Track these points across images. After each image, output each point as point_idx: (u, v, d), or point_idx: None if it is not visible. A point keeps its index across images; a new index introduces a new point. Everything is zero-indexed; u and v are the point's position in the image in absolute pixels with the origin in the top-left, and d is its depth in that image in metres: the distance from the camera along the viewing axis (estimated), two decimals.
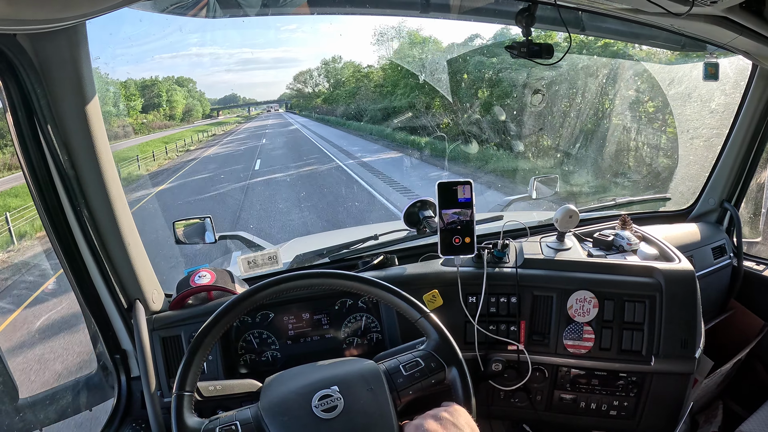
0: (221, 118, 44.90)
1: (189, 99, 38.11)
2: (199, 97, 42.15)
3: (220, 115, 47.36)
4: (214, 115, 45.02)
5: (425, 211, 1.49)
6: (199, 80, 43.98)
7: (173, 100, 34.17)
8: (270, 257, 1.39)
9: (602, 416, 1.31)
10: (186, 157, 20.05)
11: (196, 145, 24.29)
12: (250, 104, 54.62)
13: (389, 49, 20.53)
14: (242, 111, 52.92)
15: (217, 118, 44.31)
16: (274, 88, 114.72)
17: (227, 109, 51.86)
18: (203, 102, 42.82)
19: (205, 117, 42.01)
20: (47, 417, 1.14)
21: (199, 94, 42.42)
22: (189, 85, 39.51)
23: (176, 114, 34.18)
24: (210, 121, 40.99)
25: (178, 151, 21.58)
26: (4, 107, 0.92)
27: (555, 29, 1.51)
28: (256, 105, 54.63)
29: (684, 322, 1.22)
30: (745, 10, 1.10)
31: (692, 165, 2.24)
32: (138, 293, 1.16)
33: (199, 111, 39.82)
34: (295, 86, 45.24)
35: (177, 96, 35.15)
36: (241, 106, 54.02)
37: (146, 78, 32.94)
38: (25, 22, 0.68)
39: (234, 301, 0.94)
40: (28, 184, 0.99)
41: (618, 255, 1.38)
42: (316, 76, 40.68)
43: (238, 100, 54.90)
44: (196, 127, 33.88)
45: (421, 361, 0.94)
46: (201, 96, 42.73)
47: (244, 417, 0.84)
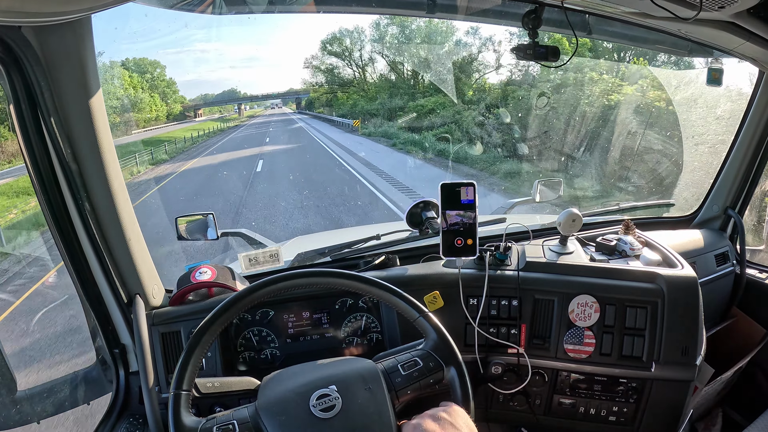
0: (199, 121, 34.42)
1: (141, 92, 26.99)
2: (166, 87, 30.68)
3: (200, 115, 37.06)
4: (190, 116, 34.89)
5: (428, 212, 1.49)
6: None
7: (111, 92, 18.66)
8: (271, 255, 1.39)
9: (601, 422, 1.30)
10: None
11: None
12: (240, 101, 43.48)
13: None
14: (231, 110, 41.84)
15: (194, 120, 34.37)
16: (282, 81, 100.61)
17: (218, 106, 41.93)
18: (171, 95, 31.54)
19: (173, 120, 31.01)
20: (45, 410, 1.14)
21: (167, 83, 30.55)
22: (154, 71, 29.01)
23: (143, 114, 24.01)
24: (175, 126, 29.52)
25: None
26: (8, 100, 0.92)
27: (561, 32, 1.50)
28: (250, 101, 45.10)
29: (685, 328, 1.21)
30: (753, 16, 1.10)
31: (696, 171, 2.23)
32: (138, 288, 1.16)
33: (159, 111, 28.29)
34: (324, 64, 28.62)
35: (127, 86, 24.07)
36: (221, 102, 42.86)
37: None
38: (30, 15, 0.68)
39: (234, 298, 0.94)
40: (31, 177, 0.99)
41: (620, 260, 1.38)
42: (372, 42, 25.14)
43: (238, 94, 45.26)
44: (155, 135, 24.26)
45: (420, 361, 0.93)
46: (168, 87, 30.89)
47: (242, 416, 0.84)
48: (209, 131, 28.25)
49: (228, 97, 44.25)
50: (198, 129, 27.88)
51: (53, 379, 1.18)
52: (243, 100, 44.74)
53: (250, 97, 45.15)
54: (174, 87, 32.92)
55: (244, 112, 43.82)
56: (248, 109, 46.61)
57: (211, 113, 41.08)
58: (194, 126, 30.58)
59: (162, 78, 30.64)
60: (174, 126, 30.16)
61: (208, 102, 41.88)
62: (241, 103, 44.30)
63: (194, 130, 26.70)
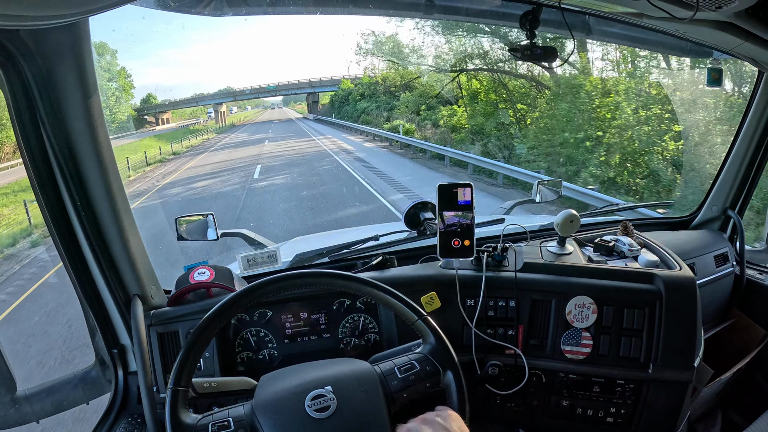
0: (161, 130, 24.30)
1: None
2: (120, 79, 20.12)
3: (166, 121, 26.32)
4: (151, 121, 25.48)
5: (426, 212, 1.49)
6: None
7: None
8: (270, 256, 1.40)
9: (599, 423, 1.30)
10: None
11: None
12: (214, 101, 28.58)
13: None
14: (204, 114, 28.93)
15: (153, 131, 24.03)
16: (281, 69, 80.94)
17: (187, 107, 28.86)
18: (122, 95, 21.02)
19: (119, 130, 19.64)
20: (44, 409, 1.15)
21: (112, 75, 19.11)
22: (103, 58, 17.32)
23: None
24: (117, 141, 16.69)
25: None
26: (6, 102, 0.92)
27: (559, 33, 1.51)
28: (240, 97, 29.55)
29: (683, 330, 1.21)
30: (752, 16, 1.10)
31: (696, 172, 2.22)
32: (137, 288, 1.16)
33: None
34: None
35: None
36: (187, 104, 29.13)
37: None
38: (27, 18, 0.68)
39: (231, 298, 0.94)
40: (30, 179, 1.00)
41: (619, 261, 1.37)
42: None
43: (235, 93, 28.92)
44: None
45: (417, 364, 0.94)
46: (117, 78, 19.99)
47: (238, 414, 0.84)
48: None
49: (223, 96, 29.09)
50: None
51: (53, 379, 1.19)
52: (217, 100, 29.14)
53: (232, 92, 28.43)
54: (128, 82, 21.98)
55: (228, 116, 30.45)
56: (234, 112, 32.13)
57: (182, 118, 28.91)
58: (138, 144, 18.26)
59: (110, 69, 19.14)
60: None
61: (175, 103, 28.68)
62: (222, 102, 29.63)
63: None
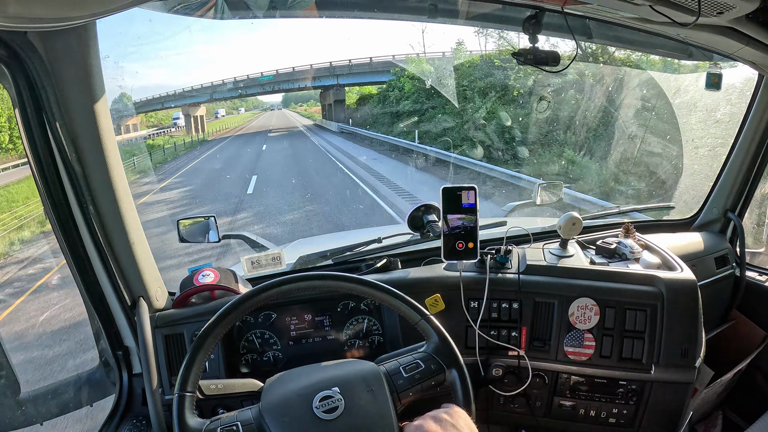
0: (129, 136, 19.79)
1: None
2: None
3: (129, 129, 21.74)
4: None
5: (429, 215, 1.49)
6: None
7: None
8: (274, 258, 1.40)
9: (601, 424, 1.31)
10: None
11: None
12: (183, 102, 22.53)
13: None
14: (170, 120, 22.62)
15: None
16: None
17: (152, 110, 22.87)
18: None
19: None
20: (48, 411, 1.15)
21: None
22: None
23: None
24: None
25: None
26: (13, 103, 0.93)
27: (562, 37, 1.52)
28: (219, 95, 23.31)
29: (685, 331, 1.22)
30: (752, 21, 1.11)
31: (697, 174, 2.23)
32: (142, 291, 1.17)
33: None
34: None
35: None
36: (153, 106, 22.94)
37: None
38: (36, 20, 0.69)
39: (237, 301, 0.95)
40: (36, 181, 1.00)
41: (620, 263, 1.38)
42: None
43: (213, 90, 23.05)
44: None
45: (422, 363, 0.94)
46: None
47: (246, 417, 0.85)
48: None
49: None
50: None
51: (57, 380, 1.19)
52: (188, 99, 22.98)
53: (209, 89, 22.47)
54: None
55: (209, 122, 22.55)
56: (221, 116, 24.36)
57: (150, 121, 22.80)
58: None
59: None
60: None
61: (138, 105, 22.36)
62: (197, 102, 23.17)
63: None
